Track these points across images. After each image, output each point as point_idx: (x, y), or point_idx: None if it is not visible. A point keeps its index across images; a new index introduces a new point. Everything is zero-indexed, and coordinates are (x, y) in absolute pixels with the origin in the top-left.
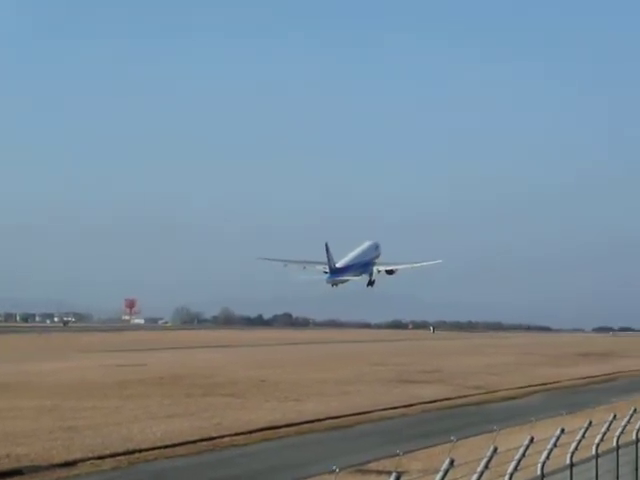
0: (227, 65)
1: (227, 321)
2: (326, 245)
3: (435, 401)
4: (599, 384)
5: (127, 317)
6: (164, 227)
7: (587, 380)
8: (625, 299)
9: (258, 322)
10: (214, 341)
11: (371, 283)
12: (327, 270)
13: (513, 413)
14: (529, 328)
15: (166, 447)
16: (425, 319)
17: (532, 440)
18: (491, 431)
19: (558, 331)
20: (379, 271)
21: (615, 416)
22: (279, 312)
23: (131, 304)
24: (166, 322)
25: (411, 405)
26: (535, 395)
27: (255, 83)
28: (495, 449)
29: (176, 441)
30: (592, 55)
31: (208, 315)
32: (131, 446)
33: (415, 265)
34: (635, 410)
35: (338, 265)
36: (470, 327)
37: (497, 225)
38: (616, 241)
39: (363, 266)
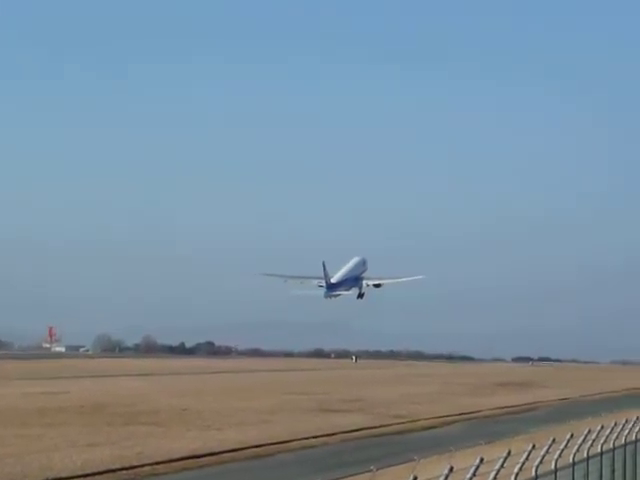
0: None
1: (149, 349)
2: (323, 263)
3: (356, 430)
4: (518, 414)
5: (48, 345)
6: (87, 251)
7: (506, 410)
8: (544, 330)
9: (180, 350)
10: (136, 369)
11: (361, 296)
12: (322, 284)
13: (433, 442)
14: (451, 357)
15: (86, 476)
16: (347, 348)
17: (452, 470)
18: (411, 460)
19: (479, 361)
20: (368, 285)
21: (534, 446)
22: (201, 340)
23: (52, 331)
24: (87, 350)
25: (332, 434)
26: (455, 424)
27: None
28: (415, 479)
29: (96, 470)
30: (592, 81)
31: (130, 343)
32: (51, 475)
33: (399, 280)
34: (554, 440)
35: (333, 280)
36: (392, 356)
37: (426, 259)
38: (538, 277)
39: (354, 280)
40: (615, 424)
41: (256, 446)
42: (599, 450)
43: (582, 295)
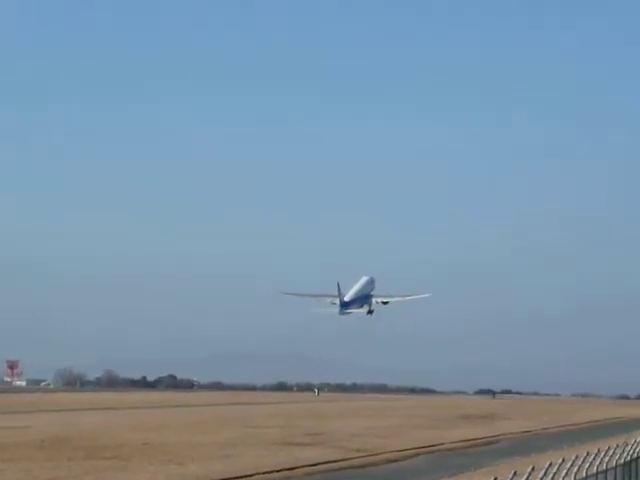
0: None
1: (110, 383)
2: (338, 284)
3: (319, 464)
4: (481, 447)
5: (9, 379)
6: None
7: (469, 443)
8: (508, 362)
9: (142, 384)
10: (97, 403)
11: (370, 312)
12: (335, 302)
13: (396, 476)
14: (414, 390)
15: None
16: (310, 381)
17: None
18: None
19: (441, 393)
20: (377, 302)
21: (496, 479)
22: (163, 374)
23: (13, 365)
24: (48, 384)
25: (294, 468)
26: (418, 457)
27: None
28: None
29: None
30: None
31: (91, 377)
32: None
33: (407, 298)
34: (515, 473)
35: (346, 299)
36: (355, 389)
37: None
38: (503, 310)
39: (364, 298)
40: (576, 457)
41: None
42: None
43: (543, 330)
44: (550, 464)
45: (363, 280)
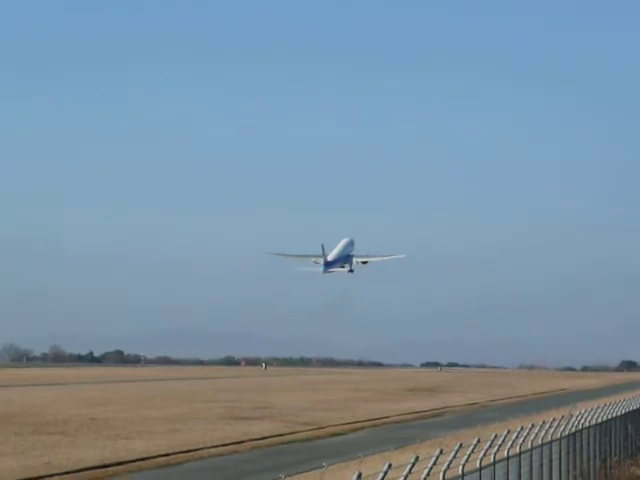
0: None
1: (57, 359)
2: (322, 245)
3: (266, 438)
4: (427, 419)
5: None
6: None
7: (415, 415)
8: (453, 335)
9: (89, 359)
10: (44, 379)
11: (351, 271)
12: (319, 262)
13: (342, 449)
14: (361, 363)
15: None
16: (258, 355)
17: (360, 476)
18: (320, 467)
19: (389, 366)
20: (357, 262)
21: (442, 451)
22: (110, 349)
23: None
24: None
25: (242, 442)
26: (364, 431)
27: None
28: None
29: None
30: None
31: (38, 352)
32: None
33: (384, 258)
34: (461, 445)
35: (329, 258)
36: (303, 363)
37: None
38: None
39: (345, 258)
40: (521, 428)
41: (165, 455)
42: (506, 455)
43: (493, 305)
44: (495, 436)
45: (344, 241)
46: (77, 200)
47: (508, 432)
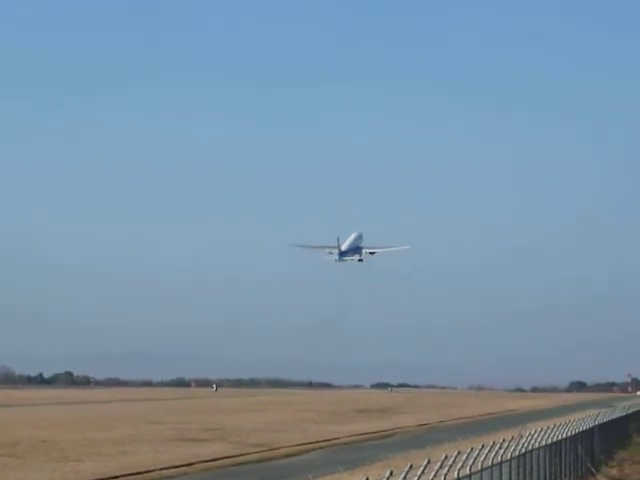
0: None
1: (6, 380)
2: (337, 238)
3: (217, 459)
4: (377, 440)
5: None
6: None
7: (365, 436)
8: (401, 357)
9: (38, 381)
10: None
11: (360, 260)
12: (333, 252)
13: (293, 471)
14: (311, 384)
15: None
16: (208, 377)
17: None
18: None
19: (339, 387)
20: (366, 252)
21: (392, 472)
22: (60, 370)
23: None
24: None
25: (192, 464)
26: (315, 452)
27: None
28: None
29: None
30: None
31: None
32: None
33: (390, 249)
34: (411, 466)
35: (342, 248)
36: (253, 384)
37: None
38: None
39: (356, 249)
40: (471, 449)
41: (115, 477)
42: (456, 476)
43: (444, 326)
44: (446, 457)
45: (354, 235)
46: (31, 212)
47: (458, 453)
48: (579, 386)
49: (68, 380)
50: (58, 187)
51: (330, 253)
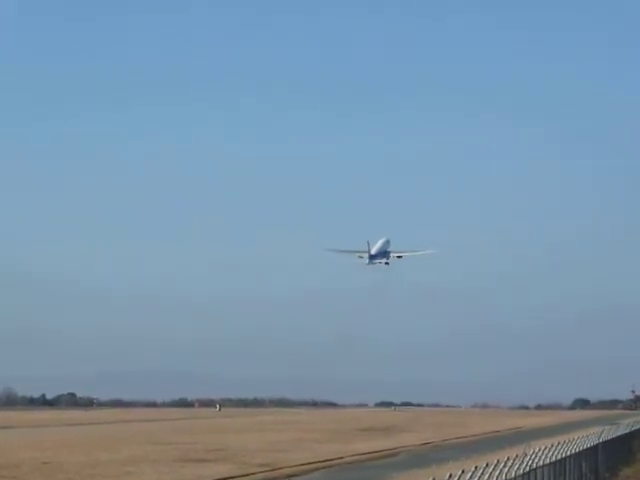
0: None
1: (9, 402)
2: (368, 242)
3: None
4: (381, 459)
5: None
6: None
7: (369, 455)
8: (407, 375)
9: (41, 402)
10: None
11: (387, 263)
12: (363, 256)
13: None
14: (315, 403)
15: None
16: (211, 397)
17: None
18: None
19: (343, 406)
20: (394, 256)
21: None
22: (63, 391)
23: None
24: None
25: None
26: (318, 472)
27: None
28: None
29: None
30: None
31: None
32: None
33: (416, 253)
34: None
35: (372, 252)
36: (256, 404)
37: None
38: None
39: (384, 253)
40: (476, 468)
41: None
42: None
43: (447, 344)
44: (450, 476)
45: (382, 240)
46: (26, 231)
47: (462, 472)
48: (583, 403)
49: (71, 401)
50: (57, 201)
51: (360, 257)
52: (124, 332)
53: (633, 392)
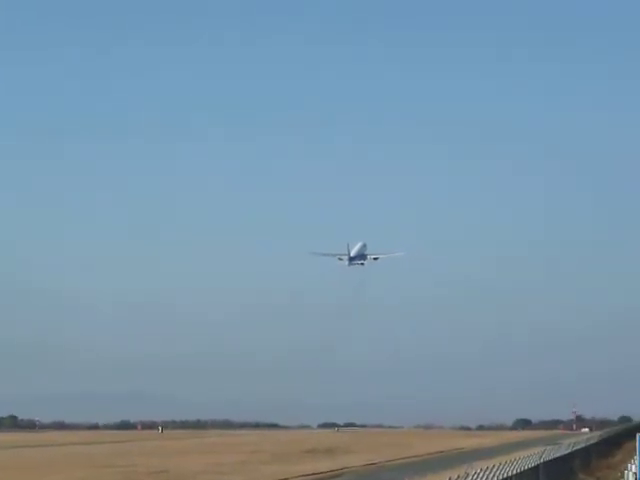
0: None
1: None
2: (347, 245)
3: None
4: None
5: None
6: None
7: (314, 477)
8: (349, 395)
9: None
10: None
11: (362, 264)
12: (343, 258)
13: None
14: (258, 425)
15: None
16: (154, 419)
17: None
18: None
19: (286, 428)
20: (370, 258)
21: None
22: (3, 414)
23: None
24: None
25: None
26: None
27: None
28: None
29: None
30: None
31: None
32: None
33: (392, 255)
34: None
35: (352, 255)
36: (199, 426)
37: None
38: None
39: (362, 256)
40: None
41: None
42: None
43: (390, 365)
44: None
45: (360, 243)
46: None
47: None
48: (524, 423)
49: (12, 424)
50: None
51: (340, 259)
52: (66, 353)
53: (574, 412)
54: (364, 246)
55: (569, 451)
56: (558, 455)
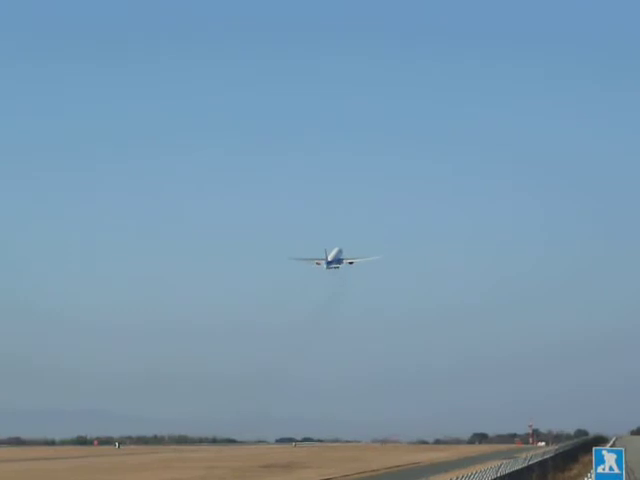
0: None
1: None
2: (325, 250)
3: None
4: None
5: None
6: None
7: None
8: (304, 411)
9: None
10: None
11: (337, 267)
12: (320, 263)
13: None
14: (215, 440)
15: None
16: (111, 435)
17: None
18: None
19: (243, 443)
20: (346, 262)
21: None
22: None
23: None
24: None
25: None
26: None
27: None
28: None
29: None
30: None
31: None
32: None
33: (367, 259)
34: None
35: (329, 259)
36: (156, 441)
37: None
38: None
39: (338, 260)
40: None
41: None
42: None
43: (348, 380)
44: None
45: (336, 249)
46: None
47: None
48: (481, 437)
49: None
50: None
51: (317, 264)
52: (22, 369)
53: (530, 426)
54: (340, 251)
55: (526, 465)
56: (515, 469)
